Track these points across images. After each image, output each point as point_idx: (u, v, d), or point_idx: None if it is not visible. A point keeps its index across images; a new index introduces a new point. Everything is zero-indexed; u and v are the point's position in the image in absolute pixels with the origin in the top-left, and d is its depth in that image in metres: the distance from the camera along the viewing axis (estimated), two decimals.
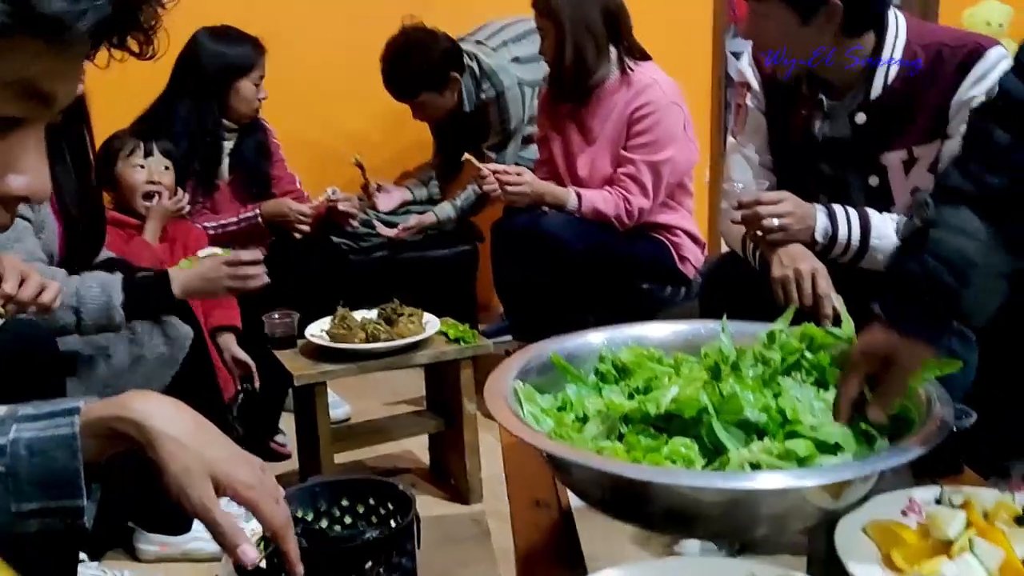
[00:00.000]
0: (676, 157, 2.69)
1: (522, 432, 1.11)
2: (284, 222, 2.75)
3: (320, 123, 3.46)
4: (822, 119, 1.83)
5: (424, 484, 2.46)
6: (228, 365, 2.44)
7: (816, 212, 1.76)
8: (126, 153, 2.50)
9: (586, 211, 2.66)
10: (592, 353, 1.41)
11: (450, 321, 2.38)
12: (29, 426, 0.87)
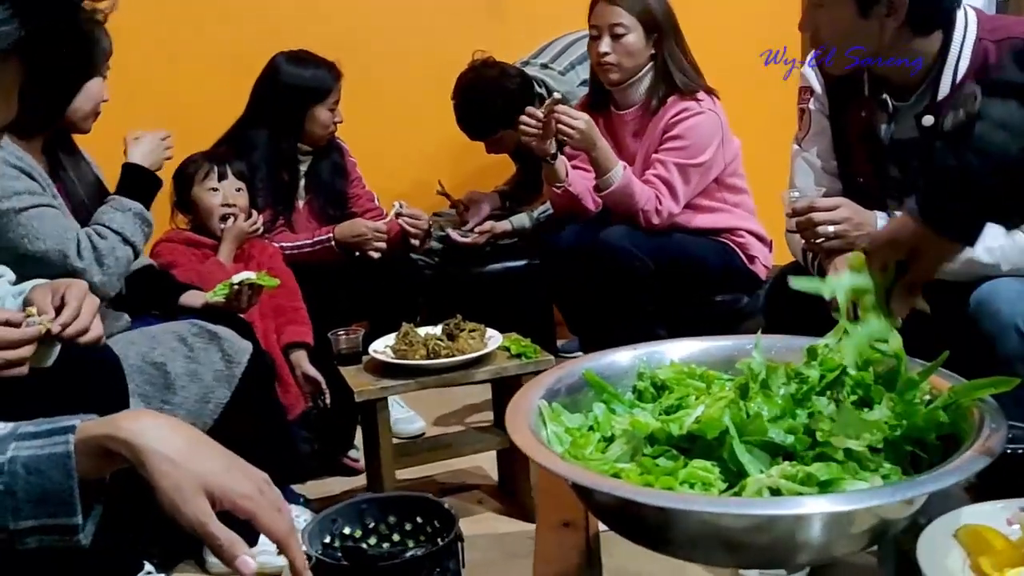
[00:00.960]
0: (708, 162, 2.61)
1: (534, 452, 1.07)
2: (361, 241, 2.76)
3: (395, 142, 3.50)
4: (887, 120, 1.74)
5: (491, 501, 2.45)
6: (299, 381, 2.49)
7: (876, 219, 1.67)
8: (201, 176, 2.57)
9: (621, 187, 2.55)
10: (631, 370, 1.37)
11: (514, 336, 2.36)
12: (27, 444, 0.90)
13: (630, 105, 2.70)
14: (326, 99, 2.76)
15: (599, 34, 2.61)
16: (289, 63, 2.78)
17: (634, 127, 2.70)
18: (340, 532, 1.66)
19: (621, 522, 1.08)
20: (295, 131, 2.78)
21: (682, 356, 1.37)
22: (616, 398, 1.31)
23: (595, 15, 2.63)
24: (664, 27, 2.62)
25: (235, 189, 2.58)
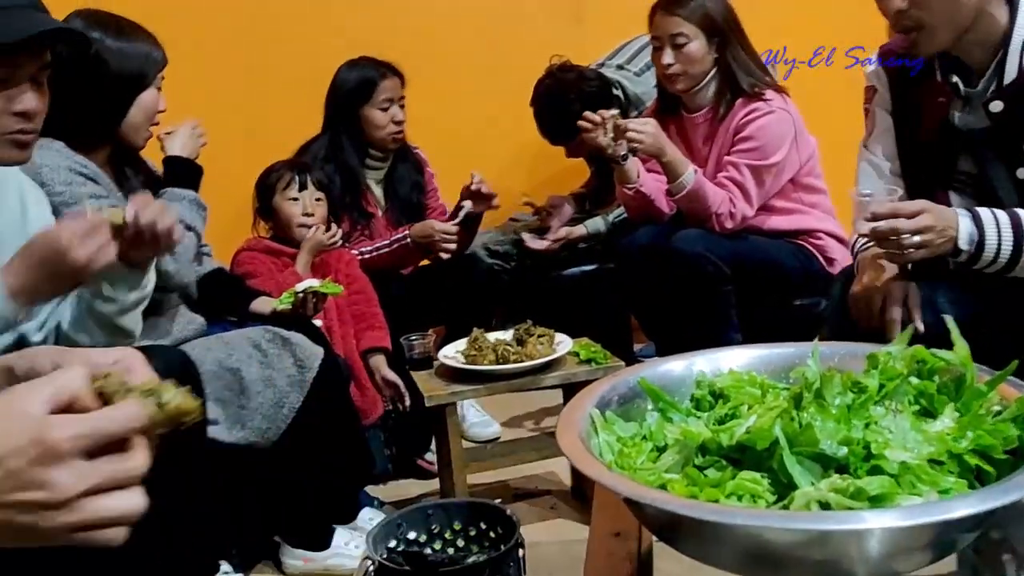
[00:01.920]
0: (782, 163, 2.55)
1: (581, 461, 1.07)
2: (430, 243, 2.78)
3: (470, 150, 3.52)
4: (960, 108, 1.67)
5: (563, 506, 2.44)
6: (378, 385, 2.53)
7: (958, 218, 1.60)
8: (282, 186, 2.64)
9: (692, 190, 2.52)
10: (688, 378, 1.35)
11: (584, 341, 2.35)
12: None
13: (699, 109, 2.66)
14: (372, 98, 2.77)
15: (661, 44, 2.58)
16: (343, 68, 2.82)
17: (704, 130, 2.66)
18: (405, 537, 1.68)
19: (669, 534, 1.06)
20: (354, 135, 2.80)
21: (740, 364, 1.34)
22: (673, 407, 1.29)
23: (655, 26, 2.60)
24: (725, 31, 2.57)
25: (315, 199, 2.63)
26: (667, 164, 2.53)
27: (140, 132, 2.02)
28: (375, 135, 2.79)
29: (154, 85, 2.01)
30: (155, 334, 1.99)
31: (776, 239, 2.63)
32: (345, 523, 2.20)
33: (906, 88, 1.76)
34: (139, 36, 1.97)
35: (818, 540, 0.91)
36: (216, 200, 2.26)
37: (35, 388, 0.68)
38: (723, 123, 2.60)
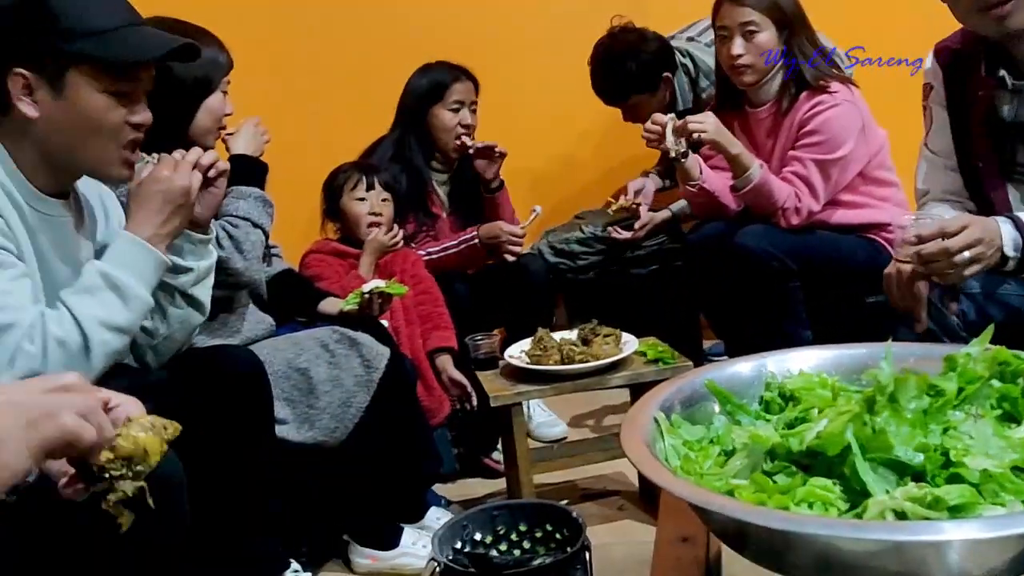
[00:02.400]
0: (848, 156, 2.47)
1: (645, 466, 1.05)
2: (497, 244, 2.77)
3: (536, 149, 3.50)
4: (1009, 100, 1.61)
5: (631, 507, 2.41)
6: (445, 385, 2.53)
7: (999, 225, 1.54)
8: (350, 186, 2.64)
9: (758, 186, 2.45)
10: (756, 380, 1.32)
11: (651, 341, 2.32)
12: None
13: (762, 103, 2.59)
14: (443, 99, 2.76)
15: (729, 35, 2.51)
16: (419, 69, 2.83)
17: (768, 124, 2.60)
18: (471, 538, 1.68)
19: (737, 541, 1.04)
20: (422, 136, 2.79)
21: (812, 365, 1.31)
22: (741, 409, 1.27)
23: (722, 16, 2.53)
24: (793, 21, 2.51)
25: (381, 199, 2.64)
26: (732, 158, 2.48)
27: (208, 136, 2.06)
28: (441, 136, 2.78)
29: (220, 89, 2.04)
30: (225, 332, 2.02)
31: (846, 234, 2.56)
32: (412, 522, 2.21)
33: (959, 83, 1.71)
34: (205, 41, 2.00)
35: (893, 551, 0.88)
36: (286, 203, 2.28)
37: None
38: (787, 117, 2.54)
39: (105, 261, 1.49)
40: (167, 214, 1.53)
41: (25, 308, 1.40)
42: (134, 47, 1.46)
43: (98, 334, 1.43)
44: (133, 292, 1.48)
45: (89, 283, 1.46)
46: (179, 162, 1.56)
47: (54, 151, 1.47)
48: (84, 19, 1.43)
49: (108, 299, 1.45)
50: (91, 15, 1.44)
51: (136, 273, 1.49)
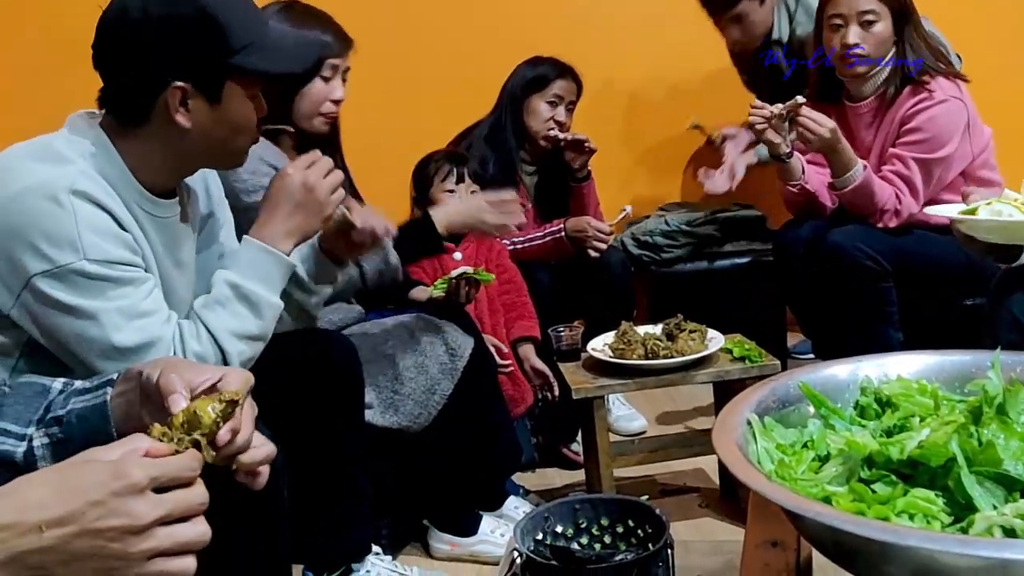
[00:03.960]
0: (952, 155, 2.39)
1: (739, 470, 1.04)
2: (583, 238, 2.75)
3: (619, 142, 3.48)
4: None
5: (712, 505, 2.39)
6: (528, 375, 2.54)
7: None
8: (440, 177, 2.61)
9: (860, 186, 2.38)
10: (852, 384, 1.29)
11: (737, 338, 2.29)
12: (79, 399, 1.01)
13: (864, 97, 2.52)
14: (544, 90, 2.76)
15: (844, 23, 2.42)
16: (528, 60, 2.83)
17: (869, 119, 2.53)
18: (552, 530, 1.68)
19: (832, 549, 1.02)
20: (517, 123, 2.79)
21: (911, 371, 1.27)
22: (836, 413, 1.24)
23: (838, 3, 2.43)
24: (908, 12, 2.42)
25: (470, 191, 2.60)
26: (836, 160, 2.41)
27: (310, 120, 2.07)
28: (532, 125, 2.78)
29: (322, 74, 2.03)
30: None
31: (944, 234, 2.48)
32: (491, 510, 2.23)
33: None
34: (312, 24, 2.02)
35: (1000, 569, 0.85)
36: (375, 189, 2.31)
37: (108, 447, 0.80)
38: (889, 112, 2.46)
39: (233, 270, 1.51)
40: (297, 217, 1.55)
41: (165, 323, 1.44)
42: (285, 57, 1.50)
43: (234, 345, 1.46)
44: (264, 300, 1.51)
45: (220, 295, 1.49)
46: (318, 163, 1.59)
47: (195, 154, 1.50)
48: (245, 31, 1.45)
49: (239, 310, 1.49)
50: (248, 26, 1.46)
51: (264, 281, 1.51)
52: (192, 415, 0.85)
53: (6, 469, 0.99)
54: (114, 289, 1.40)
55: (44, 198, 1.36)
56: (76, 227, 1.36)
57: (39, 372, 1.46)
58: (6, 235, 1.36)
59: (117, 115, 1.48)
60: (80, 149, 1.44)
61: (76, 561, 0.73)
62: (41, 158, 1.42)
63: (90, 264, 1.37)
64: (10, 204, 1.36)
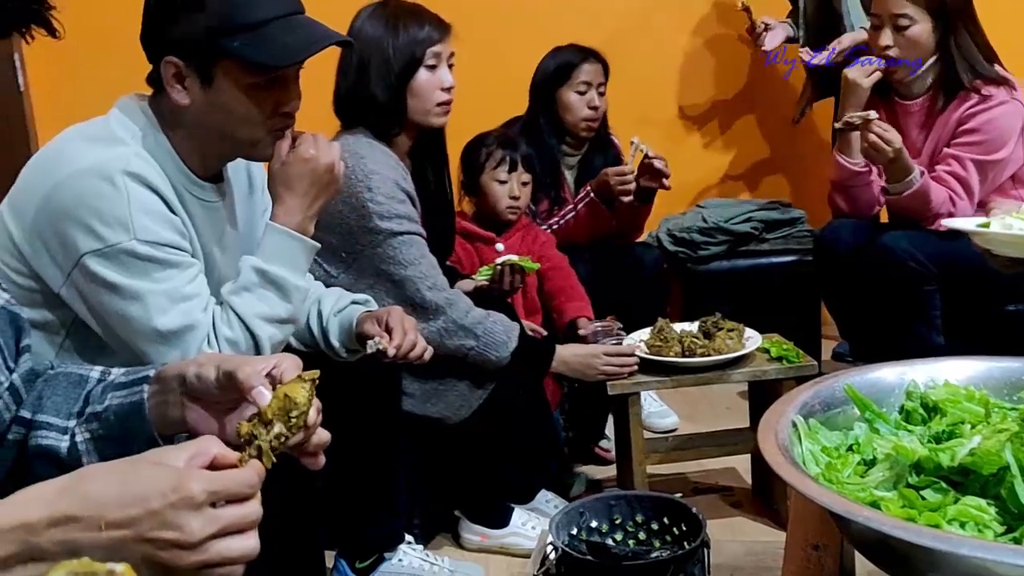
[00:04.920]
0: (1008, 158, 2.35)
1: (785, 472, 1.03)
2: (608, 190, 2.66)
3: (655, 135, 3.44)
4: None
5: (744, 504, 2.38)
6: None
7: None
8: (492, 165, 2.50)
9: (917, 192, 2.34)
10: (898, 388, 1.28)
11: (775, 338, 2.27)
12: (116, 394, 1.02)
13: (915, 96, 2.49)
14: (570, 80, 2.71)
15: (881, 24, 2.41)
16: (550, 52, 2.79)
17: (920, 119, 2.49)
18: (587, 525, 1.68)
19: (879, 554, 1.01)
20: (551, 119, 2.74)
21: (959, 377, 1.26)
22: (881, 417, 1.23)
23: (878, 2, 2.42)
24: (954, 14, 2.38)
25: (522, 182, 2.51)
26: (896, 167, 2.35)
27: (428, 115, 2.05)
28: (568, 119, 2.74)
29: (424, 65, 2.02)
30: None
31: None
32: (523, 503, 2.23)
33: None
34: (407, 20, 2.02)
35: None
36: None
37: (179, 448, 0.80)
38: (944, 113, 2.43)
39: (259, 256, 1.51)
40: (314, 195, 1.53)
41: (205, 309, 1.44)
42: (280, 47, 1.43)
43: (264, 330, 1.47)
44: (290, 283, 1.50)
45: (247, 281, 1.49)
46: (319, 139, 1.55)
47: (204, 137, 1.49)
48: (238, 11, 1.41)
49: (267, 295, 1.48)
50: (245, 6, 1.42)
51: (290, 264, 1.51)
52: (285, 399, 0.87)
53: (50, 462, 1.01)
54: (161, 271, 1.41)
55: (98, 178, 1.37)
56: (128, 208, 1.38)
57: (83, 351, 1.49)
58: (60, 215, 1.38)
59: (154, 94, 1.50)
60: (132, 131, 1.46)
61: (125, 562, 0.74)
62: (95, 139, 1.43)
63: (140, 245, 1.38)
64: (64, 184, 1.38)
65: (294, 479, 1.40)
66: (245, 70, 1.43)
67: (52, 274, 1.41)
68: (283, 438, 0.86)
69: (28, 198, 1.42)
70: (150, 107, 1.49)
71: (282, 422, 0.86)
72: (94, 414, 1.02)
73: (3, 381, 1.01)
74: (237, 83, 1.43)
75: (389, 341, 1.60)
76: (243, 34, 1.41)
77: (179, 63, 1.43)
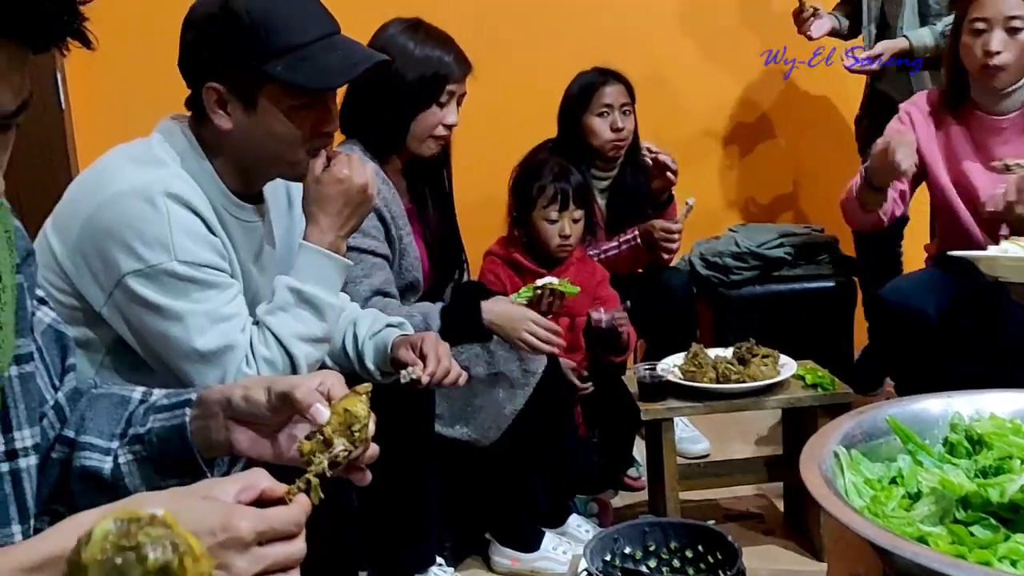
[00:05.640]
0: None
1: (830, 504, 1.02)
2: (652, 242, 2.65)
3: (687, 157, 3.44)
4: None
5: (776, 532, 2.35)
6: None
7: None
8: (544, 202, 2.42)
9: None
10: (942, 420, 1.26)
11: (809, 365, 2.25)
12: (158, 417, 1.03)
13: (1006, 110, 2.32)
14: (591, 104, 2.68)
15: (988, 27, 2.24)
16: (575, 77, 2.77)
17: (1011, 135, 2.31)
18: (621, 551, 1.67)
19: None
20: (579, 144, 2.71)
21: (1005, 410, 1.24)
22: (924, 450, 1.21)
23: (984, 5, 2.24)
24: None
25: (573, 220, 2.44)
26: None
27: (422, 144, 2.06)
28: (594, 143, 2.71)
29: (438, 100, 2.02)
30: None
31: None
32: (555, 528, 2.22)
33: None
34: (434, 46, 2.02)
35: None
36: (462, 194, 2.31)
37: (229, 481, 0.80)
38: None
39: (294, 276, 1.51)
40: (347, 214, 1.53)
41: (243, 329, 1.45)
42: (322, 69, 1.44)
43: (300, 349, 1.47)
44: (325, 302, 1.51)
45: (283, 300, 1.49)
46: (353, 159, 1.56)
47: (247, 159, 1.50)
48: (279, 36, 1.42)
49: (303, 314, 1.49)
50: (286, 30, 1.43)
51: (324, 283, 1.51)
52: (345, 414, 0.89)
53: (93, 482, 1.02)
54: (201, 292, 1.42)
55: (140, 200, 1.39)
56: (169, 229, 1.39)
57: (123, 370, 1.50)
58: (102, 235, 1.39)
59: (194, 117, 1.52)
60: (174, 153, 1.47)
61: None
62: (138, 161, 1.45)
63: (180, 265, 1.40)
64: (108, 205, 1.40)
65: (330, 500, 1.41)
66: (287, 93, 1.44)
67: (94, 293, 1.43)
68: (347, 452, 0.87)
69: (72, 217, 1.44)
70: (190, 129, 1.51)
71: (345, 437, 0.87)
72: (136, 436, 1.03)
73: (49, 400, 1.02)
74: (279, 106, 1.44)
75: (423, 369, 1.60)
76: (285, 57, 1.42)
77: (221, 89, 1.44)
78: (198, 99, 1.48)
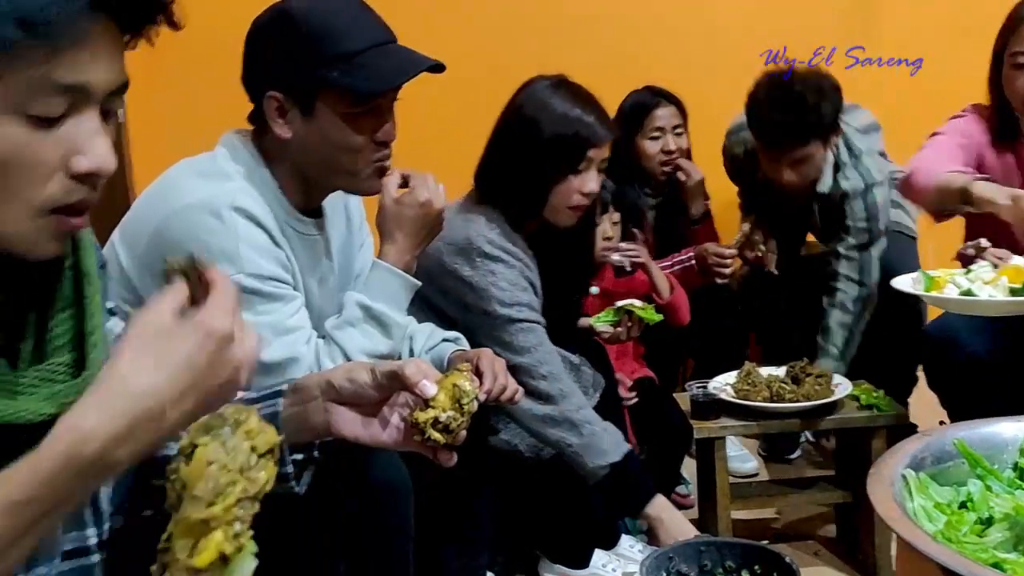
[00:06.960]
0: None
1: (902, 528, 1.00)
2: (705, 266, 2.65)
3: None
4: None
5: (828, 554, 2.32)
6: None
7: None
8: None
9: None
10: (1012, 444, 1.24)
11: (864, 385, 2.22)
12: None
13: None
14: (644, 127, 2.69)
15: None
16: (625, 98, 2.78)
17: None
18: (676, 570, 1.66)
19: None
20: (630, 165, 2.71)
21: None
22: (993, 475, 1.19)
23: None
24: None
25: (613, 222, 2.45)
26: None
27: (559, 214, 1.98)
28: (646, 166, 2.71)
29: (578, 169, 1.93)
30: None
31: None
32: (607, 548, 2.20)
33: None
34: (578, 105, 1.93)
35: None
36: None
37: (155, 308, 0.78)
38: None
39: (364, 293, 1.54)
40: (423, 236, 1.57)
41: (307, 342, 1.47)
42: (377, 73, 1.45)
43: None
44: (392, 320, 1.53)
45: (352, 316, 1.52)
46: (429, 181, 1.59)
47: (308, 169, 1.52)
48: (336, 43, 1.44)
49: (370, 330, 1.52)
50: (343, 38, 1.45)
51: (393, 302, 1.54)
52: (454, 388, 0.99)
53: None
54: (265, 304, 1.44)
55: (207, 213, 1.41)
56: (236, 242, 1.41)
57: None
58: (170, 248, 1.42)
59: (256, 131, 1.54)
60: (238, 166, 1.50)
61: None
62: (204, 175, 1.48)
63: (246, 278, 1.42)
64: (175, 217, 1.43)
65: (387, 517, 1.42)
66: (343, 99, 1.46)
67: None
68: (458, 421, 0.98)
69: (139, 229, 1.47)
70: (252, 143, 1.53)
71: (454, 410, 0.98)
72: None
73: None
74: (336, 111, 1.46)
75: (479, 386, 1.60)
76: (341, 63, 1.44)
77: (280, 96, 1.47)
78: (259, 112, 1.50)
